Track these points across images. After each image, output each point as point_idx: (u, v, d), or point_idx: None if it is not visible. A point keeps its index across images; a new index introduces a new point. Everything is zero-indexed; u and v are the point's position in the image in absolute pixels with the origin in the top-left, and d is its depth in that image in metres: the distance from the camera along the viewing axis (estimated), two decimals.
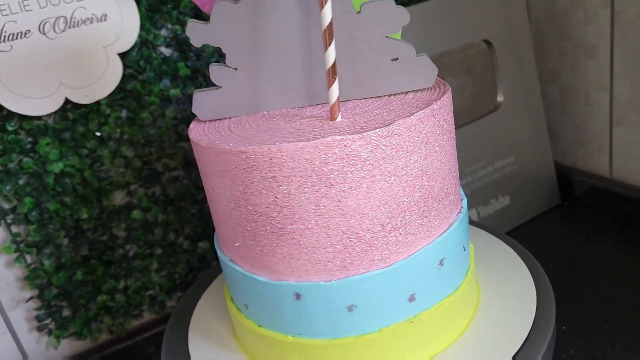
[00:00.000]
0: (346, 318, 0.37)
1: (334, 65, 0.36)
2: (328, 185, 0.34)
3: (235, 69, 0.39)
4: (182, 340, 0.47)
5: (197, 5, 0.37)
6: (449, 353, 0.40)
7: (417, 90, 0.40)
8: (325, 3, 0.35)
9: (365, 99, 0.41)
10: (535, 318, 0.42)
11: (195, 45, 0.38)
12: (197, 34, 0.38)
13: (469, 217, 0.67)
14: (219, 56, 0.59)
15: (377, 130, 0.34)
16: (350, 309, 0.37)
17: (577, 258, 0.65)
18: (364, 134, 0.33)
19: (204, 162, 0.39)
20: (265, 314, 0.40)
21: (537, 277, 0.46)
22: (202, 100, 0.41)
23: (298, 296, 0.37)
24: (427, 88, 0.40)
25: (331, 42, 0.35)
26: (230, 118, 0.41)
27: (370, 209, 0.35)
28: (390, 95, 0.40)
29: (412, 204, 0.36)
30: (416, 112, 0.35)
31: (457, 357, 0.40)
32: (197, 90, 0.40)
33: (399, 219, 0.36)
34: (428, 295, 0.39)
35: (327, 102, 0.38)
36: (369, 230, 0.35)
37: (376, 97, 0.41)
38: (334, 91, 0.36)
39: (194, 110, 0.41)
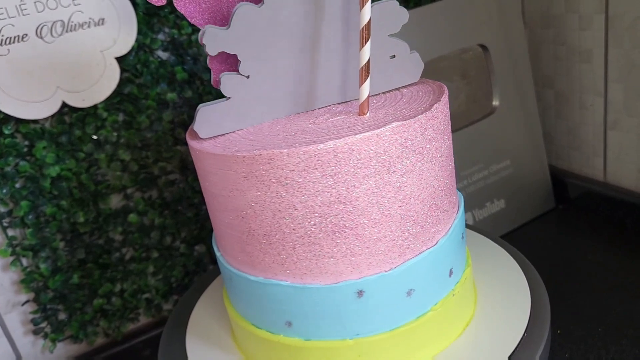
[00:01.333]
0: (405, 304, 0.38)
1: (368, 62, 0.37)
2: (390, 173, 0.35)
3: (248, 77, 0.38)
4: (179, 344, 0.47)
5: (184, 15, 0.36)
6: (449, 352, 0.41)
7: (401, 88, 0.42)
8: (366, 2, 0.35)
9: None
10: (530, 321, 0.42)
11: (211, 54, 0.36)
12: (216, 40, 0.36)
13: (465, 221, 0.68)
14: None
15: (426, 113, 0.36)
16: (409, 293, 0.38)
17: (572, 261, 0.66)
18: (416, 118, 0.35)
19: (240, 176, 0.35)
20: (317, 324, 0.38)
21: (532, 281, 0.47)
22: (208, 116, 0.38)
23: (360, 293, 0.37)
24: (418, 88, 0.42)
25: (368, 40, 0.36)
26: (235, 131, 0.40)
27: (421, 191, 0.37)
28: (385, 93, 0.42)
29: (445, 182, 0.39)
30: (435, 104, 0.37)
31: (455, 357, 0.40)
32: (202, 105, 0.37)
33: (438, 197, 0.38)
34: (459, 268, 0.42)
35: (323, 105, 0.40)
36: (420, 212, 0.37)
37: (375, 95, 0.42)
38: (366, 88, 0.38)
39: (196, 127, 0.38)
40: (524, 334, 0.41)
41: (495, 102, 0.70)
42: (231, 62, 0.38)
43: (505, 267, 0.49)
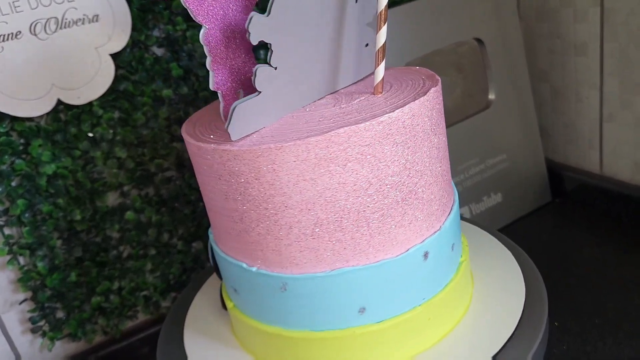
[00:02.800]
0: (451, 258, 0.42)
1: (383, 45, 0.38)
2: (434, 135, 0.38)
3: (275, 68, 0.36)
4: (178, 341, 0.47)
5: (191, 9, 0.36)
6: (443, 345, 0.41)
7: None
8: None
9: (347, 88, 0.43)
10: (527, 313, 0.42)
11: (253, 42, 0.34)
12: (260, 28, 0.34)
13: (462, 215, 0.68)
14: None
15: (436, 87, 0.39)
16: (452, 247, 0.41)
17: (569, 254, 0.66)
18: (437, 86, 0.39)
19: (311, 164, 0.34)
20: (392, 300, 0.38)
21: (529, 274, 0.47)
22: (242, 114, 0.36)
23: (426, 255, 0.39)
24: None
25: (385, 23, 0.38)
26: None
27: (447, 151, 0.41)
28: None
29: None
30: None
31: (450, 348, 0.41)
32: (238, 102, 0.35)
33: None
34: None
35: (330, 92, 0.42)
36: (448, 170, 0.41)
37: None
38: (381, 69, 0.39)
39: (230, 128, 0.36)
40: (517, 325, 0.41)
41: (491, 96, 0.71)
42: (233, 65, 0.38)
43: (502, 260, 0.49)
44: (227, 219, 0.39)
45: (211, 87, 0.37)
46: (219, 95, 0.38)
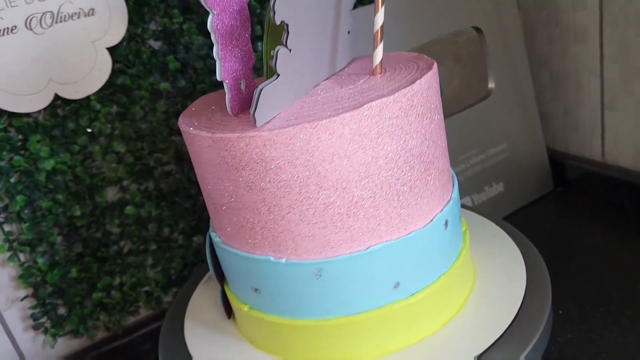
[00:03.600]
0: (461, 229, 0.44)
1: (382, 27, 0.39)
2: (438, 108, 0.39)
3: (290, 50, 0.36)
4: (179, 336, 0.46)
5: None
6: (448, 330, 0.41)
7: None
8: None
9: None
10: (529, 301, 0.42)
11: (277, 22, 0.34)
12: (282, 6, 0.34)
13: (464, 204, 0.67)
14: (208, 49, 0.58)
15: (434, 67, 0.40)
16: (445, 225, 0.41)
17: (571, 243, 0.66)
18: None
19: (345, 139, 0.34)
20: (424, 272, 0.39)
21: (533, 261, 0.46)
22: (267, 98, 0.35)
23: (446, 224, 0.40)
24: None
25: (382, 5, 0.38)
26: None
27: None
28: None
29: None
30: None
31: (452, 334, 0.41)
32: (263, 85, 0.34)
33: None
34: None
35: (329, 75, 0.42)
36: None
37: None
38: (380, 51, 0.40)
39: (257, 113, 0.34)
40: (518, 312, 0.41)
41: (491, 85, 0.70)
42: (237, 54, 0.37)
43: (505, 249, 0.49)
44: (248, 212, 0.37)
45: (219, 77, 0.36)
46: (225, 85, 0.37)
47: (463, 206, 0.57)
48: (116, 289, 0.62)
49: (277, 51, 0.34)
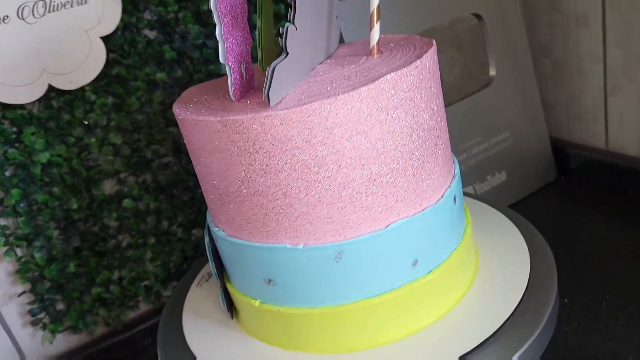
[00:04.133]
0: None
1: (378, 6, 0.38)
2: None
3: (296, 28, 0.35)
4: (178, 331, 0.46)
5: None
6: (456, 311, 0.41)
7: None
8: None
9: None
10: (535, 290, 0.41)
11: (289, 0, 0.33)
12: None
13: (468, 192, 0.67)
14: (205, 38, 0.57)
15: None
16: (454, 200, 0.41)
17: (576, 232, 0.65)
18: (433, 42, 0.39)
19: (363, 115, 0.34)
20: (440, 249, 0.40)
21: (538, 249, 0.46)
22: (281, 76, 0.34)
23: (455, 199, 0.40)
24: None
25: None
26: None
27: None
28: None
29: None
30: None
31: (462, 316, 0.40)
32: (276, 62, 0.33)
33: None
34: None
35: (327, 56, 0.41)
36: None
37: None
38: (376, 31, 0.39)
39: (271, 92, 0.33)
40: (523, 295, 0.40)
41: (492, 72, 0.69)
42: (238, 37, 0.36)
43: (509, 236, 0.48)
44: (262, 198, 0.36)
45: (222, 59, 0.35)
46: (227, 68, 0.36)
47: (467, 194, 0.56)
48: (115, 283, 0.61)
49: (287, 28, 0.33)
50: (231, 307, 0.44)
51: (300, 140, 0.34)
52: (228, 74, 0.36)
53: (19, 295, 0.57)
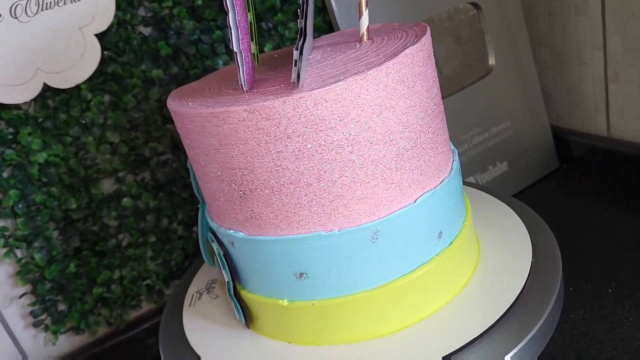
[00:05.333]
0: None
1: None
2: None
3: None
4: (179, 329, 0.45)
5: None
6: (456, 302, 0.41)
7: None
8: None
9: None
10: (540, 277, 0.41)
11: None
12: None
13: (470, 182, 0.66)
14: (200, 33, 0.57)
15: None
16: (460, 172, 0.43)
17: (579, 220, 0.64)
18: (427, 30, 0.39)
19: (399, 87, 0.35)
20: (454, 223, 0.41)
21: (543, 236, 0.45)
22: (304, 56, 0.34)
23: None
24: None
25: None
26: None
27: None
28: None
29: None
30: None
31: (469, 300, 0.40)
32: (299, 44, 0.33)
33: None
34: None
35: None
36: None
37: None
38: (366, 18, 0.39)
39: (302, 73, 0.33)
40: (525, 283, 0.40)
41: (492, 62, 0.69)
42: (244, 24, 0.35)
43: (511, 225, 0.48)
44: (293, 186, 0.35)
45: (235, 47, 0.34)
46: (240, 57, 0.35)
47: (470, 184, 0.56)
48: (116, 283, 0.60)
49: (307, 9, 0.33)
50: (247, 316, 0.42)
51: (334, 120, 0.33)
52: (240, 63, 0.35)
53: (20, 296, 0.57)
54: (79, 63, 0.51)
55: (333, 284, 0.37)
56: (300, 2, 0.33)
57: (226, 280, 0.41)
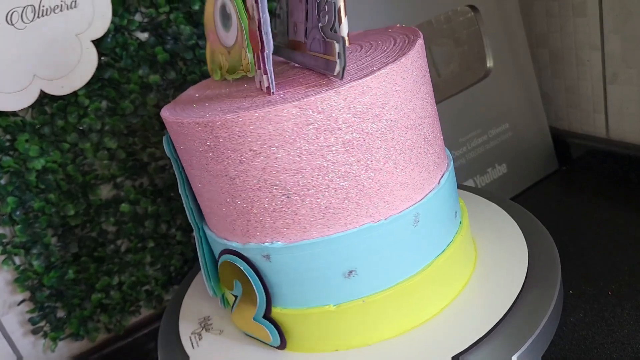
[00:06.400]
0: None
1: (344, 2, 0.37)
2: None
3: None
4: (177, 335, 0.45)
5: None
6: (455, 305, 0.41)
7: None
8: None
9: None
10: (538, 280, 0.41)
11: None
12: None
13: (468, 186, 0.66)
14: (197, 38, 0.57)
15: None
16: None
17: (579, 222, 0.64)
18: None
19: (413, 82, 0.36)
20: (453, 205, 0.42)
21: (538, 240, 0.45)
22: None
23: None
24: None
25: None
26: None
27: None
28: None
29: None
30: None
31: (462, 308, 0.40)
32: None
33: None
34: None
35: None
36: None
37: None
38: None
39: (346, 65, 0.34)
40: (520, 289, 0.40)
41: (490, 64, 0.68)
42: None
43: (507, 229, 0.47)
44: (342, 180, 0.35)
45: (267, 48, 0.34)
46: (269, 59, 0.34)
47: (467, 187, 0.55)
48: (115, 289, 0.60)
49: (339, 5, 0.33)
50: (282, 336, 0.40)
51: (378, 107, 0.34)
52: (270, 65, 0.35)
53: (19, 304, 0.57)
54: (76, 69, 0.51)
55: (381, 276, 0.38)
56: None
57: (258, 302, 0.38)
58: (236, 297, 0.40)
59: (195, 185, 0.40)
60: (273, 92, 0.35)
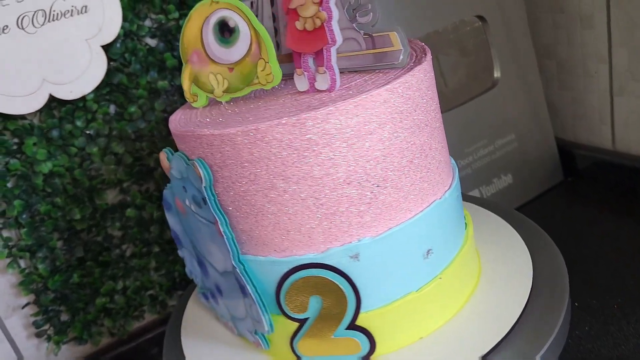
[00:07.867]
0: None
1: None
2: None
3: None
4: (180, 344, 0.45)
5: None
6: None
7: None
8: None
9: None
10: (548, 294, 0.40)
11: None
12: None
13: (473, 196, 0.66)
14: None
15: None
16: None
17: (584, 234, 0.64)
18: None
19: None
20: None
21: (543, 250, 0.45)
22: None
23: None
24: None
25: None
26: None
27: None
28: None
29: None
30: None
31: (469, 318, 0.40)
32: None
33: None
34: None
35: None
36: None
37: None
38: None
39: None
40: (526, 301, 0.40)
41: (497, 74, 0.69)
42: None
43: (511, 241, 0.47)
44: (422, 160, 0.36)
45: (338, 40, 0.35)
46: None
47: (472, 198, 0.55)
48: (119, 293, 0.60)
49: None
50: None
51: (433, 91, 0.39)
52: (334, 62, 0.35)
53: (23, 307, 0.57)
54: (85, 74, 0.51)
55: (450, 246, 0.40)
56: None
57: (347, 310, 0.35)
58: (303, 322, 0.37)
59: (248, 202, 0.36)
60: (336, 88, 0.36)
